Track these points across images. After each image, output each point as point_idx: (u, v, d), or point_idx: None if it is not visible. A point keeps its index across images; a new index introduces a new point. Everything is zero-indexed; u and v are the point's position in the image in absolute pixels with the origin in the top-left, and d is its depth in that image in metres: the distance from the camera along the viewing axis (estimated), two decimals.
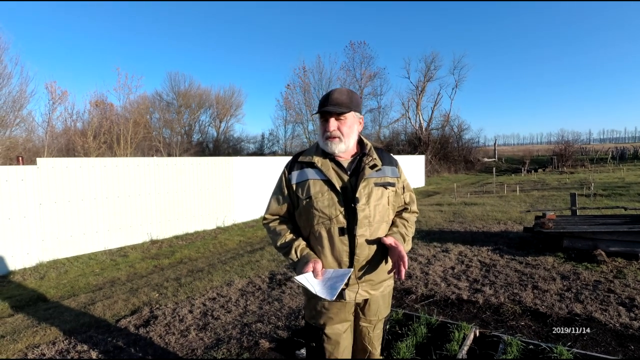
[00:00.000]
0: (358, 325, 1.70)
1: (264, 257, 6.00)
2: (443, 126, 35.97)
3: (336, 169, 1.59)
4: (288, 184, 1.64)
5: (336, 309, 1.60)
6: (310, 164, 1.60)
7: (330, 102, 1.54)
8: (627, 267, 4.48)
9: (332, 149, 1.57)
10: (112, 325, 3.64)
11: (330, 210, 1.52)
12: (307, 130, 37.22)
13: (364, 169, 1.58)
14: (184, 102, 38.83)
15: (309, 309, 1.67)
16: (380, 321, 1.73)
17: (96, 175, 7.47)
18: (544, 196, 12.15)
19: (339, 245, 1.53)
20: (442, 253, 5.49)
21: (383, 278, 1.65)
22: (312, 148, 1.67)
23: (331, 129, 1.54)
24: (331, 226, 1.53)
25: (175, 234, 8.90)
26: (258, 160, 11.50)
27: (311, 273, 1.45)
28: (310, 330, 1.69)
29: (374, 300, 1.67)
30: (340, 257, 1.54)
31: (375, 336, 1.73)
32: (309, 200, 1.55)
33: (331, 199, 1.53)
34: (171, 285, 4.89)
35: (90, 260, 6.88)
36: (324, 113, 1.55)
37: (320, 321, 1.62)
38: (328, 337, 1.61)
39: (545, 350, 2.66)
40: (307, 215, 1.57)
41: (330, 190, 1.54)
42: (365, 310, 1.68)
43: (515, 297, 3.78)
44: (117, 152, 23.24)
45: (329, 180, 1.54)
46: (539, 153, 44.19)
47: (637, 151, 38.89)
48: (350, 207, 1.52)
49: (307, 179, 1.58)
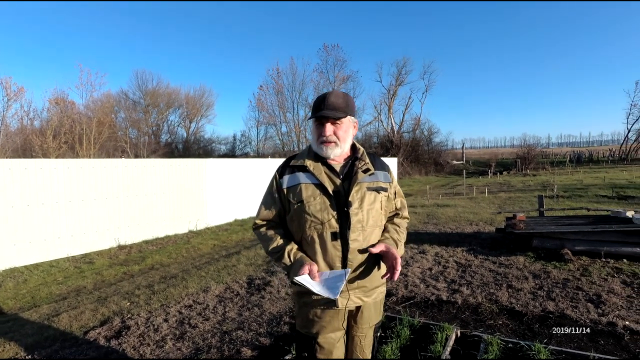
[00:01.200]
0: (350, 333, 1.66)
1: (240, 262, 5.86)
2: (414, 129, 36.87)
3: (328, 172, 1.56)
4: (279, 188, 1.60)
5: (329, 317, 1.55)
6: (302, 167, 1.56)
7: (327, 106, 1.52)
8: (591, 265, 4.72)
9: (328, 153, 1.55)
10: (79, 338, 3.41)
11: (323, 214, 1.49)
12: (281, 132, 37.07)
13: (357, 172, 1.55)
14: (152, 102, 37.58)
15: (300, 318, 1.62)
16: (371, 328, 1.70)
17: (59, 177, 7.03)
18: (511, 198, 12.68)
19: (331, 250, 1.49)
20: (420, 254, 5.58)
21: (376, 284, 1.62)
22: (305, 151, 1.64)
23: (327, 134, 1.53)
24: (323, 231, 1.49)
25: (145, 238, 8.53)
26: (232, 162, 11.27)
27: (307, 275, 1.41)
28: (302, 339, 1.63)
29: (366, 308, 1.63)
30: (332, 263, 1.50)
31: (367, 344, 1.70)
32: (301, 205, 1.51)
33: (323, 203, 1.49)
34: (143, 292, 4.66)
35: (52, 268, 6.46)
36: (321, 118, 1.53)
37: (312, 330, 1.57)
38: (321, 346, 1.56)
39: (524, 348, 2.74)
40: (298, 219, 1.53)
41: (322, 194, 1.50)
42: (357, 318, 1.64)
43: (491, 296, 3.88)
44: (80, 152, 22.09)
45: (321, 184, 1.51)
46: (504, 156, 46.20)
47: (592, 155, 41.50)
48: (342, 211, 1.49)
49: (298, 182, 1.54)
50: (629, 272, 4.42)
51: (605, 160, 36.68)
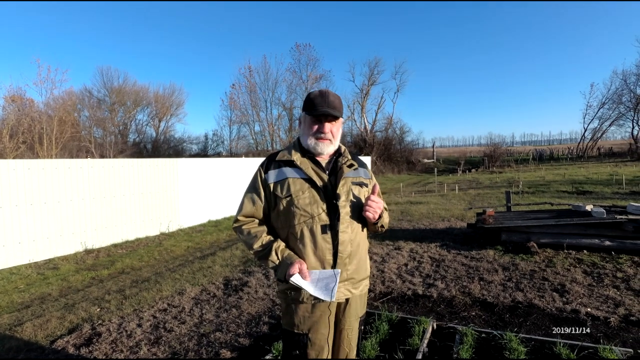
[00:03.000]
0: (337, 326, 1.66)
1: (216, 263, 5.75)
2: (386, 128, 37.48)
3: (315, 167, 1.58)
4: (264, 184, 1.58)
5: (319, 312, 1.55)
6: (289, 162, 1.57)
7: (328, 104, 1.55)
8: (555, 257, 4.99)
9: (322, 150, 1.58)
10: (46, 348, 3.23)
11: (312, 208, 1.51)
12: (254, 131, 36.63)
13: (342, 168, 1.60)
14: (118, 100, 36.09)
15: (289, 316, 1.59)
16: (357, 321, 1.72)
17: (18, 179, 6.62)
18: (480, 194, 13.16)
19: (321, 243, 1.50)
20: (395, 251, 5.69)
21: (362, 276, 1.66)
22: (290, 147, 1.64)
23: (326, 131, 1.57)
24: (313, 225, 1.50)
25: (114, 241, 8.19)
26: (205, 162, 11.02)
27: (298, 275, 1.40)
28: (291, 337, 1.59)
29: (354, 300, 1.66)
30: (323, 256, 1.51)
31: (353, 337, 1.71)
32: (290, 199, 1.52)
33: (312, 197, 1.52)
34: (114, 298, 4.48)
35: (13, 275, 6.07)
36: (320, 115, 1.56)
37: (304, 327, 1.55)
38: (313, 342, 1.55)
39: (496, 337, 2.86)
40: (287, 214, 1.53)
41: (311, 187, 1.53)
42: (345, 311, 1.65)
43: (464, 289, 4.02)
44: (40, 153, 20.88)
45: (309, 179, 1.53)
46: (472, 154, 47.88)
47: (553, 153, 43.77)
48: (331, 204, 1.52)
49: (285, 177, 1.55)
50: (589, 262, 4.70)
51: (564, 158, 38.83)
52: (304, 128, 1.63)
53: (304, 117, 1.62)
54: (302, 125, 1.66)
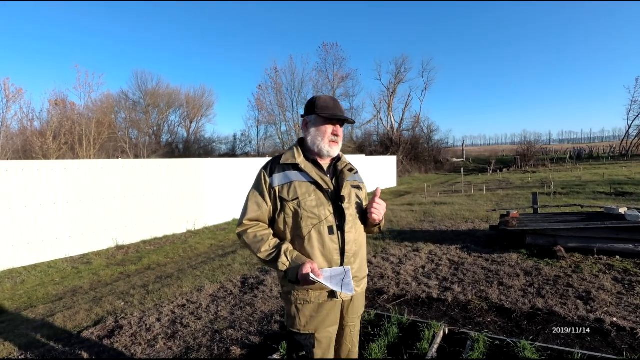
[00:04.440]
0: (341, 324, 1.69)
1: (236, 261, 5.89)
2: (413, 127, 36.85)
3: (318, 172, 1.62)
4: (269, 187, 1.60)
5: (326, 311, 1.58)
6: (294, 166, 1.60)
7: (340, 109, 1.66)
8: (584, 262, 4.74)
9: (334, 152, 1.66)
10: (73, 337, 3.45)
11: (319, 210, 1.55)
12: (280, 131, 37.02)
13: (343, 171, 1.67)
14: (152, 102, 37.58)
15: (295, 317, 1.59)
16: (359, 318, 1.77)
17: (56, 178, 7.08)
18: (509, 195, 12.68)
19: (329, 244, 1.55)
20: (413, 252, 5.60)
21: (364, 274, 1.73)
22: (292, 151, 1.65)
23: (340, 134, 1.66)
24: (320, 226, 1.54)
25: (143, 238, 8.58)
26: (229, 161, 11.29)
27: (311, 273, 1.42)
28: (298, 339, 1.59)
29: (356, 298, 1.70)
30: (330, 256, 1.55)
31: (355, 334, 1.76)
32: (297, 201, 1.55)
33: (319, 199, 1.56)
34: (138, 292, 4.70)
35: (50, 268, 6.51)
36: (335, 118, 1.63)
37: (311, 327, 1.57)
38: (320, 342, 1.57)
39: (510, 345, 2.76)
40: (294, 217, 1.55)
41: (317, 190, 1.57)
42: (349, 309, 1.68)
43: (482, 294, 3.90)
44: (80, 153, 22.16)
45: (315, 182, 1.58)
46: (504, 153, 46.15)
47: (592, 151, 41.41)
48: (337, 206, 1.58)
49: (290, 180, 1.58)
50: (621, 269, 4.43)
51: (605, 157, 36.60)
52: (313, 131, 1.63)
53: (316, 119, 1.63)
54: (309, 127, 1.66)
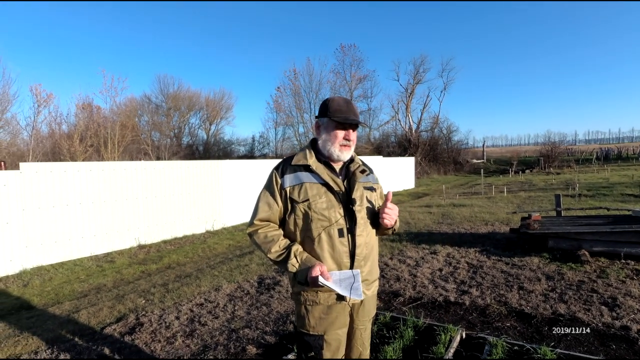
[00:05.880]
0: (351, 327, 1.69)
1: (253, 261, 5.97)
2: (432, 128, 36.34)
3: (330, 173, 1.61)
4: (281, 188, 1.60)
5: (335, 313, 1.58)
6: (306, 167, 1.60)
7: (353, 113, 1.62)
8: (609, 267, 4.57)
9: (345, 157, 1.63)
10: (96, 333, 3.58)
11: (330, 212, 1.54)
12: (298, 132, 37.29)
13: (355, 173, 1.65)
14: (174, 105, 38.51)
15: (304, 318, 1.60)
16: (370, 321, 1.76)
17: (81, 179, 7.35)
18: (531, 197, 12.34)
19: (339, 247, 1.54)
20: (431, 255, 5.53)
21: (375, 278, 1.71)
22: (304, 152, 1.65)
23: (352, 138, 1.63)
24: (330, 228, 1.54)
25: (164, 238, 8.80)
26: (247, 163, 11.45)
27: (321, 277, 1.43)
28: (307, 339, 1.60)
29: (367, 301, 1.68)
30: (340, 259, 1.54)
31: (367, 336, 1.76)
32: (307, 203, 1.54)
33: (329, 202, 1.55)
34: (158, 291, 4.83)
35: (76, 266, 6.76)
36: (347, 122, 1.60)
37: (320, 329, 1.58)
38: (328, 343, 1.58)
39: (529, 350, 2.70)
40: (304, 218, 1.56)
41: (328, 192, 1.56)
42: (359, 312, 1.67)
43: (501, 298, 3.82)
44: (105, 155, 22.93)
45: (326, 183, 1.57)
46: (527, 154, 44.88)
47: (621, 152, 39.77)
48: (348, 208, 1.56)
49: (302, 182, 1.58)
50: None
51: (635, 157, 35.06)
52: (325, 134, 1.63)
53: (328, 123, 1.62)
54: (321, 130, 1.65)
